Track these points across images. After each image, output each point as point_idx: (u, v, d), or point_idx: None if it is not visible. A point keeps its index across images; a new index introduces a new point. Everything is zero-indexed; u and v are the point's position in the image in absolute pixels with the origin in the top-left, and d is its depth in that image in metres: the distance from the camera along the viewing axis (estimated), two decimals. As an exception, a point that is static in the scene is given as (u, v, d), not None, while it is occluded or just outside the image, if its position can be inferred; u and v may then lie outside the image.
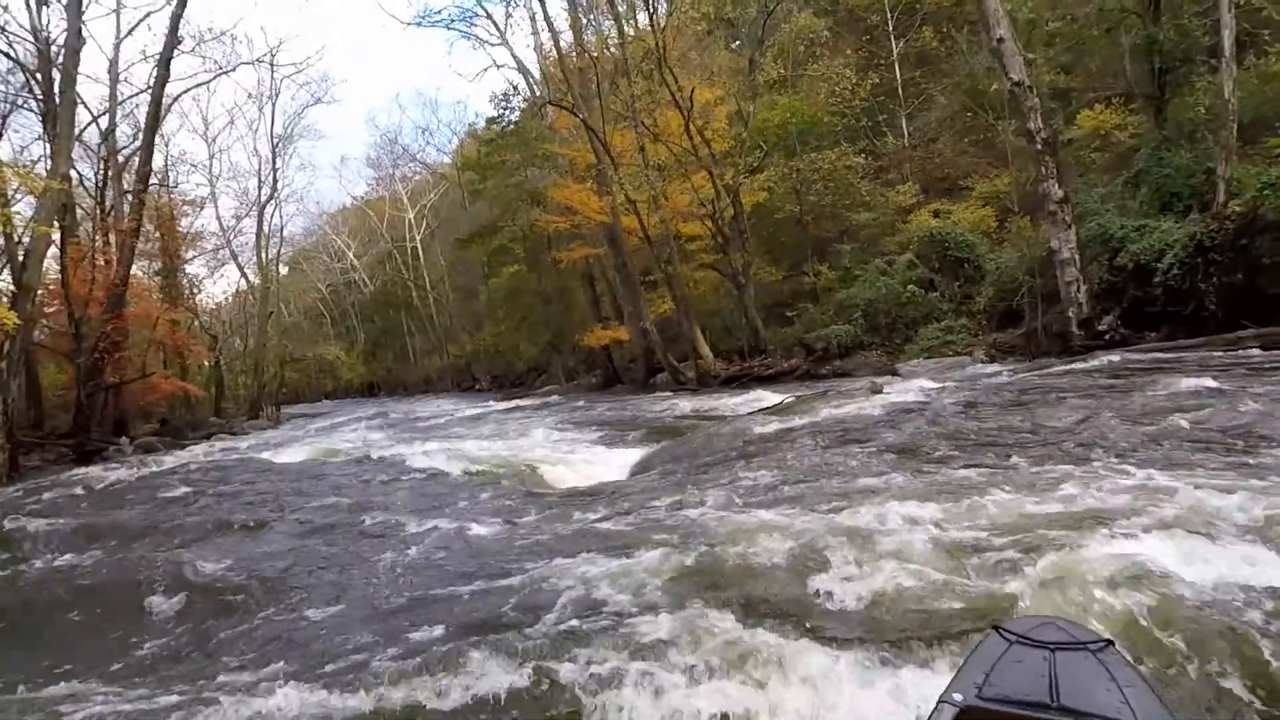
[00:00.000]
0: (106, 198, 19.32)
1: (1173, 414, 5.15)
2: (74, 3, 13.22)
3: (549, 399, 21.46)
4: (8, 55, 16.25)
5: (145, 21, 23.98)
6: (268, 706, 2.44)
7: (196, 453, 13.12)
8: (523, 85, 26.17)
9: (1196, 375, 6.68)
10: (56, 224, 13.91)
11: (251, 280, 29.44)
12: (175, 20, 16.94)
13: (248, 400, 25.60)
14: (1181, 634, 2.17)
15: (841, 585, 2.89)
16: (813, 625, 2.61)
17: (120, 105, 19.45)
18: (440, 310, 41.49)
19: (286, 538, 5.18)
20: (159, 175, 23.18)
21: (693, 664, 2.40)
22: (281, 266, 43.42)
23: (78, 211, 18.89)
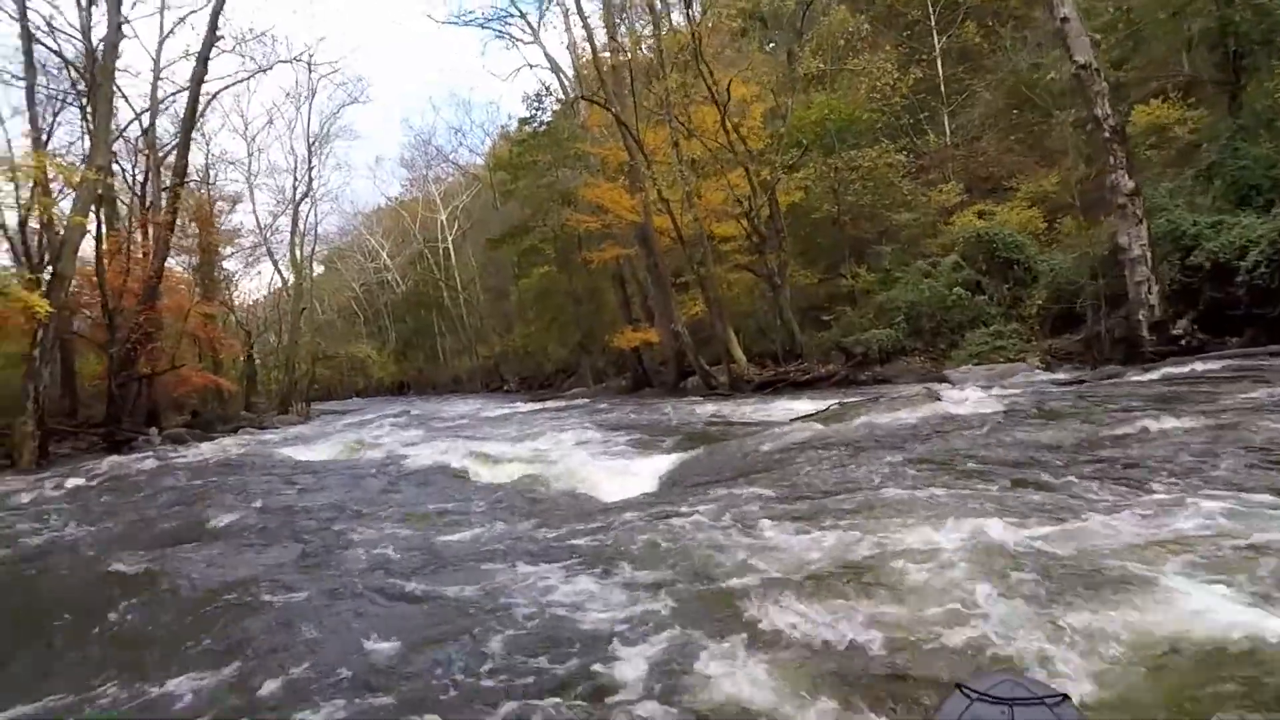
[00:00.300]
0: (147, 193, 19.55)
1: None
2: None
3: (577, 401, 21.11)
4: (57, 54, 16.58)
5: (187, 20, 24.22)
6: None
7: (220, 446, 13.05)
8: (555, 84, 25.98)
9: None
10: (92, 215, 13.97)
11: (286, 277, 29.69)
12: (214, 18, 17.07)
13: (278, 395, 25.72)
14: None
15: (864, 629, 2.46)
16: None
17: (162, 103, 19.64)
18: (470, 311, 41.56)
19: (272, 540, 4.85)
20: (199, 173, 23.51)
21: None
22: (317, 265, 44.05)
23: (120, 206, 19.14)
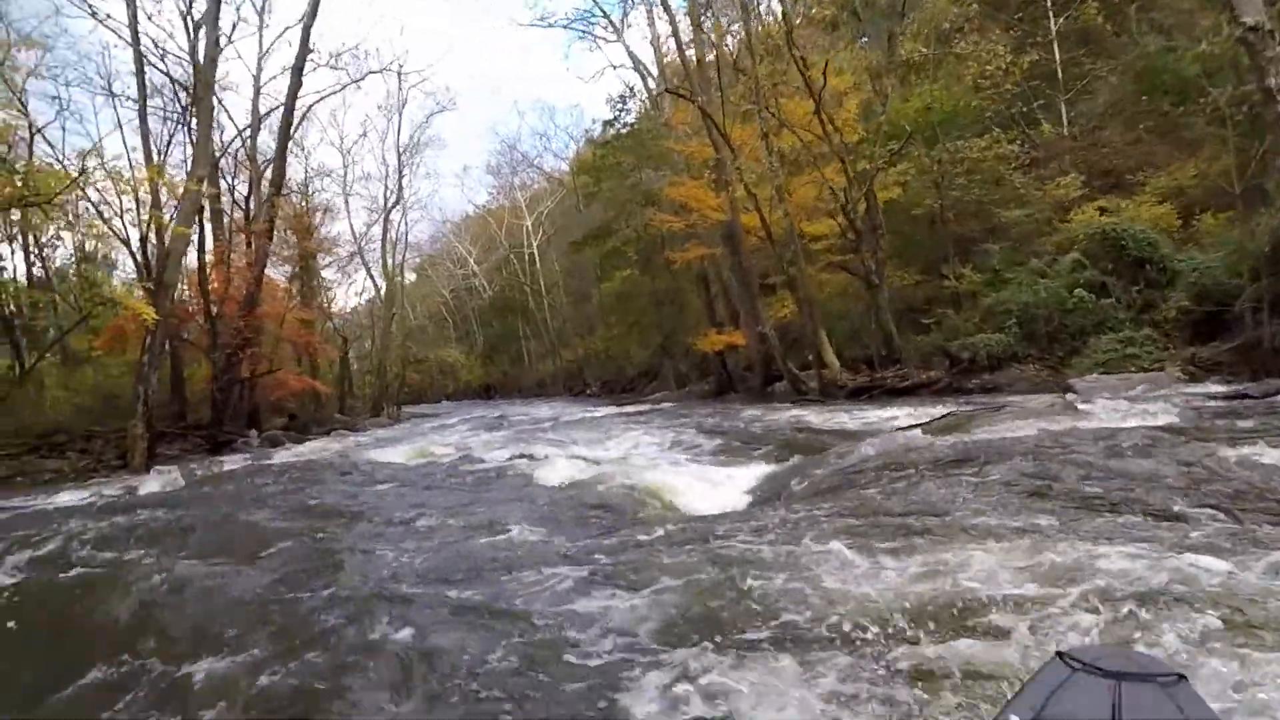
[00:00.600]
0: (250, 205, 20.55)
1: None
2: (212, 16, 13.88)
3: (660, 405, 20.64)
4: (165, 74, 17.63)
5: (285, 36, 25.40)
6: None
7: (311, 448, 13.35)
8: (639, 84, 25.67)
9: None
10: (196, 226, 14.64)
11: (379, 284, 30.73)
12: (305, 31, 17.67)
13: (371, 399, 26.58)
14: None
15: None
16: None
17: (263, 118, 20.58)
18: (554, 315, 41.97)
19: (342, 544, 4.61)
20: (298, 185, 24.59)
21: None
22: (409, 273, 45.65)
23: (225, 219, 20.15)
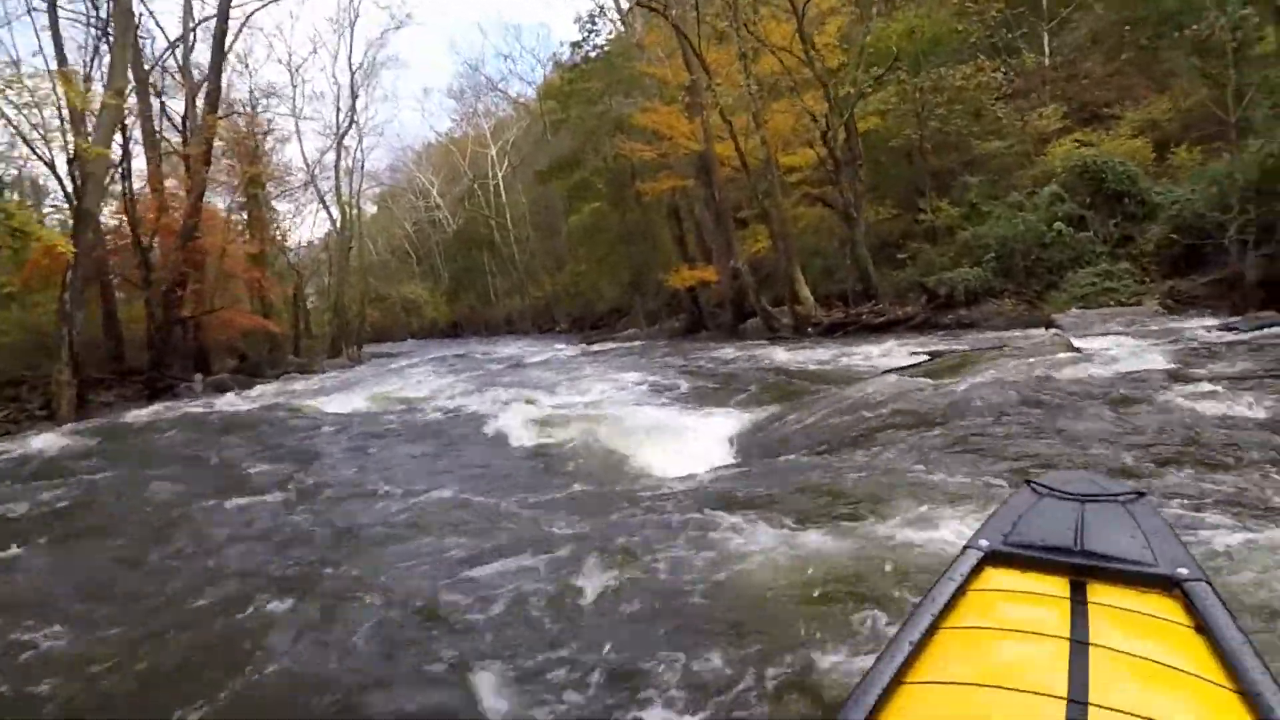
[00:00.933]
0: (188, 127, 18.85)
1: None
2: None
3: (631, 344, 20.14)
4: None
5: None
6: None
7: (263, 392, 12.60)
8: (609, 2, 24.01)
9: None
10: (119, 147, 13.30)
11: (333, 215, 29.12)
12: (238, -72, 15.81)
13: (329, 338, 25.51)
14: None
15: None
16: None
17: (196, 27, 18.68)
18: (521, 250, 40.69)
19: (270, 508, 4.27)
20: (243, 106, 22.70)
21: None
22: (368, 205, 43.65)
23: (159, 142, 18.48)
